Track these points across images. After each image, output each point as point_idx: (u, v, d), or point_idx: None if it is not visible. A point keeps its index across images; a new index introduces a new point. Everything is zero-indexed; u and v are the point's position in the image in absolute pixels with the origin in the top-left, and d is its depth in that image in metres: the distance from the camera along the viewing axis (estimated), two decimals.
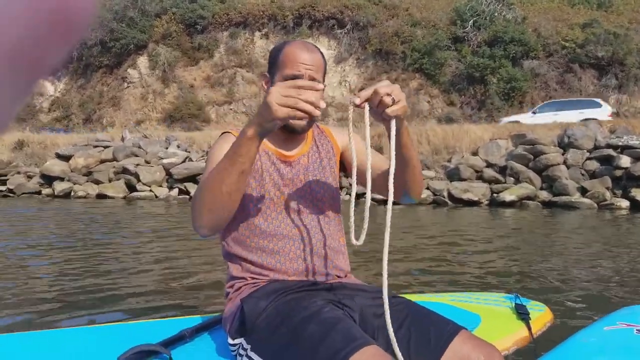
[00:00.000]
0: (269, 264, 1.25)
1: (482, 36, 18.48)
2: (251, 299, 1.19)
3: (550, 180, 9.78)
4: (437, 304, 1.58)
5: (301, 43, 1.28)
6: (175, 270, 3.88)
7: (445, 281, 3.62)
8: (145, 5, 22.33)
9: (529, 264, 4.31)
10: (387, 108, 1.07)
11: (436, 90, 19.21)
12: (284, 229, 1.26)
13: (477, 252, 4.97)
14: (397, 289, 3.46)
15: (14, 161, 12.77)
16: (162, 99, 21.69)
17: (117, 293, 3.19)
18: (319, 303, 1.12)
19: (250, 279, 1.26)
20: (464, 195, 9.79)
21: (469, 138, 10.93)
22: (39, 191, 11.94)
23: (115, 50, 21.77)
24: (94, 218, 7.84)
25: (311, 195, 1.30)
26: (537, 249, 5.15)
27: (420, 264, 4.29)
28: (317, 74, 1.24)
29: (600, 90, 17.12)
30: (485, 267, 4.19)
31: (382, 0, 21.77)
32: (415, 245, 5.31)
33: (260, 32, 22.60)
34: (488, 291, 2.42)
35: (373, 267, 4.04)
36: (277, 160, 1.30)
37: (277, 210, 1.27)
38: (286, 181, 1.29)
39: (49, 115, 21.81)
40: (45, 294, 3.16)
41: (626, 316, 1.42)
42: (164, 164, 11.82)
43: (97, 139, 13.17)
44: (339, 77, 21.14)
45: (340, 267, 1.31)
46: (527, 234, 6.59)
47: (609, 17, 18.70)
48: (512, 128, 11.22)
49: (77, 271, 3.81)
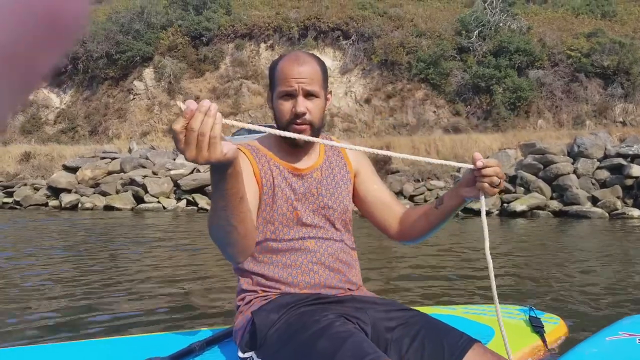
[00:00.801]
0: (281, 278, 1.24)
1: (487, 46, 18.51)
2: (262, 312, 1.18)
3: (560, 189, 9.71)
4: (451, 317, 1.56)
5: (293, 57, 1.26)
6: (185, 283, 3.82)
7: (458, 293, 3.57)
8: (151, 18, 22.49)
9: (541, 275, 4.24)
10: (490, 187, 1.16)
11: (442, 100, 19.21)
12: (295, 243, 1.26)
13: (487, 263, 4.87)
14: (409, 301, 3.39)
15: (20, 173, 12.78)
16: (168, 110, 21.77)
17: (125, 306, 3.15)
18: (331, 317, 1.11)
19: (262, 292, 1.25)
20: (473, 205, 9.69)
21: (478, 148, 10.89)
22: (46, 203, 11.93)
23: (121, 63, 21.90)
24: (101, 230, 7.80)
25: (324, 209, 1.29)
26: (550, 260, 5.08)
27: (433, 275, 4.23)
28: (311, 86, 1.22)
29: (606, 99, 17.08)
30: (498, 279, 4.10)
31: (387, 11, 21.89)
32: (427, 257, 5.24)
33: (265, 43, 22.73)
34: (502, 304, 2.46)
35: (385, 280, 3.98)
36: (288, 174, 1.29)
37: (290, 224, 1.26)
38: (299, 195, 1.28)
39: (54, 127, 21.89)
40: (52, 307, 3.11)
41: (628, 326, 1.41)
42: (171, 175, 11.81)
43: (105, 151, 13.18)
44: (345, 87, 21.19)
45: (352, 280, 1.30)
46: (539, 245, 6.51)
47: (614, 27, 18.72)
48: (520, 137, 11.17)
49: (84, 284, 3.76)
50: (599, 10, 19.94)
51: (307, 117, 1.22)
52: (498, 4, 18.95)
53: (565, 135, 10.63)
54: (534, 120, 17.80)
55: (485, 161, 1.16)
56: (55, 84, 22.95)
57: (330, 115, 20.03)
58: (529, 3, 22.02)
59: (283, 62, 1.25)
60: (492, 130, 15.88)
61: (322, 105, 1.27)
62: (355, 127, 20.23)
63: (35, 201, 11.83)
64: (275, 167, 1.28)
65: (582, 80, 17.36)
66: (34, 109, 21.89)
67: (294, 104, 1.22)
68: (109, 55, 21.92)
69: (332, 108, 20.46)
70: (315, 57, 1.31)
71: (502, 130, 15.67)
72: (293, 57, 1.26)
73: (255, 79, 22.19)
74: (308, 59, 1.26)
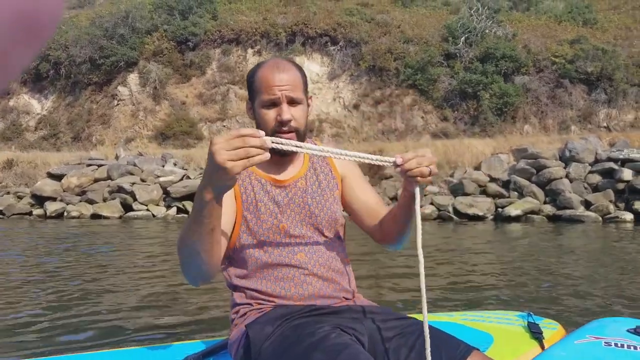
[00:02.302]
0: (274, 292, 1.24)
1: (474, 52, 18.72)
2: (256, 325, 1.17)
3: (553, 194, 9.78)
4: (448, 324, 1.54)
5: (272, 64, 1.27)
6: (177, 293, 3.72)
7: (455, 300, 3.52)
8: (136, 23, 22.18)
9: (539, 280, 4.24)
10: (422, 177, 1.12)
11: (430, 106, 19.32)
12: (285, 257, 1.25)
13: (487, 269, 4.90)
14: (406, 308, 3.34)
15: (3, 181, 12.39)
16: (154, 116, 21.45)
17: (117, 317, 3.04)
18: (326, 328, 1.10)
19: (256, 305, 1.25)
20: (469, 210, 9.72)
21: (470, 153, 10.93)
22: (30, 212, 11.58)
23: (105, 68, 21.53)
24: (88, 239, 7.59)
25: (311, 219, 1.28)
26: (547, 265, 5.08)
27: (429, 282, 4.18)
28: (294, 92, 1.23)
29: (590, 104, 17.38)
30: (496, 285, 4.10)
31: (374, 18, 21.99)
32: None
33: (253, 49, 22.62)
34: (500, 310, 2.40)
35: (381, 287, 3.91)
36: (270, 186, 1.28)
37: (277, 238, 1.25)
38: (282, 207, 1.27)
39: (35, 134, 21.39)
40: (38, 319, 2.99)
41: (595, 329, 1.43)
42: (161, 182, 11.58)
43: (91, 158, 12.88)
44: (333, 93, 21.17)
45: (347, 288, 1.30)
46: (535, 249, 6.53)
47: (595, 34, 19.10)
48: (512, 142, 11.25)
49: (72, 295, 3.63)
50: (581, 18, 20.34)
51: (292, 124, 1.23)
52: (484, 11, 19.20)
53: (557, 140, 10.73)
54: (521, 126, 18.01)
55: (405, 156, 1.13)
56: (37, 90, 22.46)
57: (318, 120, 19.99)
58: (512, 10, 22.35)
59: (262, 70, 1.25)
60: (480, 136, 16.02)
61: (305, 110, 1.27)
62: (344, 132, 20.20)
63: (19, 210, 11.46)
64: (257, 181, 1.28)
65: (567, 86, 17.65)
66: (14, 115, 21.36)
67: (278, 111, 1.23)
68: (92, 60, 21.52)
69: (320, 114, 20.41)
70: (294, 62, 1.32)
71: (489, 136, 15.81)
72: (272, 65, 1.26)
73: (243, 85, 22.02)
74: (288, 65, 1.27)
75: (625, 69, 16.98)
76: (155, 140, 20.44)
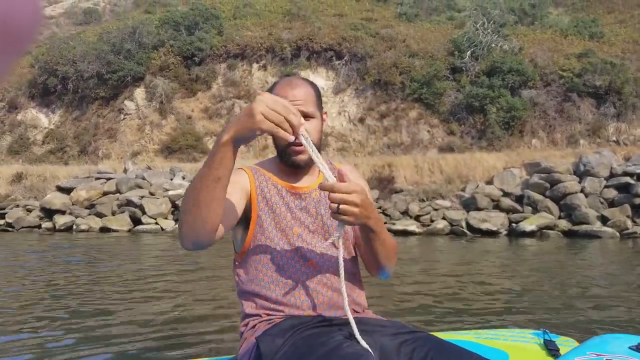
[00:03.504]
0: (284, 299, 1.23)
1: (480, 66, 18.75)
2: (267, 337, 1.16)
3: (568, 209, 9.66)
4: (462, 342, 1.49)
5: (286, 81, 1.31)
6: (186, 309, 3.66)
7: (469, 317, 3.43)
8: (143, 38, 22.34)
9: (555, 297, 4.14)
10: (331, 212, 1.09)
11: (436, 120, 19.29)
12: (296, 263, 1.25)
13: (502, 286, 4.81)
14: (418, 325, 3.24)
15: (12, 194, 12.33)
16: (160, 130, 21.48)
17: (123, 333, 2.98)
18: (338, 338, 1.09)
19: (265, 316, 1.24)
20: (482, 225, 9.60)
21: (482, 167, 10.83)
22: (39, 225, 11.50)
23: (112, 82, 21.63)
24: (96, 253, 7.52)
25: (323, 229, 1.29)
26: (563, 281, 4.98)
27: (442, 299, 4.10)
28: (307, 107, 1.26)
29: (599, 118, 17.33)
30: (511, 301, 4.02)
31: (379, 32, 22.10)
32: (435, 279, 5.11)
33: (258, 63, 22.73)
34: (515, 327, 2.36)
35: (391, 303, 3.82)
36: (287, 193, 1.30)
37: (289, 245, 1.26)
38: (297, 214, 1.28)
39: (43, 148, 21.41)
40: (44, 334, 2.93)
41: (597, 346, 1.42)
42: (169, 196, 11.50)
43: (99, 171, 12.83)
44: (338, 107, 21.19)
45: (357, 301, 1.29)
46: (551, 265, 6.41)
47: (602, 48, 19.14)
48: (524, 156, 11.17)
49: (80, 311, 3.57)
50: (587, 32, 20.40)
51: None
52: (489, 25, 19.27)
53: (569, 154, 10.65)
54: (528, 140, 17.95)
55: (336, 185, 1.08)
56: (44, 104, 22.54)
57: (324, 134, 19.92)
58: (517, 24, 22.46)
59: (277, 87, 1.29)
60: (487, 150, 15.95)
61: (318, 125, 1.30)
62: (350, 146, 20.17)
63: (28, 223, 11.38)
64: (274, 186, 1.30)
65: (575, 100, 17.62)
66: (21, 129, 21.42)
67: None
68: (99, 75, 21.63)
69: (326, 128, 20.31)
70: (308, 80, 1.36)
71: (496, 150, 15.74)
72: (286, 82, 1.30)
73: (248, 99, 22.07)
74: (301, 82, 1.31)
75: (634, 82, 16.95)
76: (162, 154, 20.43)
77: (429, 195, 10.61)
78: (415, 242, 9.28)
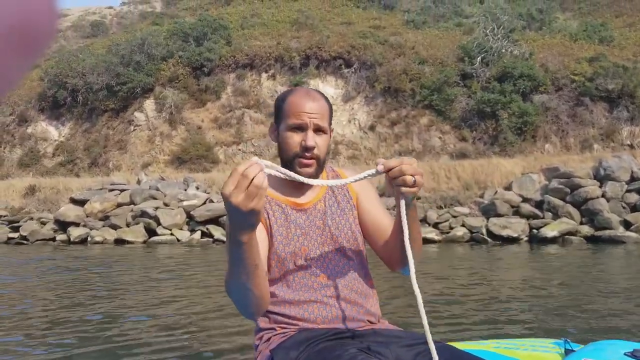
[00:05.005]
0: (297, 314, 1.23)
1: (491, 72, 18.66)
2: (281, 350, 1.16)
3: (590, 214, 9.50)
4: (480, 352, 1.45)
5: (304, 92, 1.30)
6: (199, 321, 3.59)
7: (488, 326, 3.33)
8: (152, 49, 22.44)
9: (577, 305, 4.04)
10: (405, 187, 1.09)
11: (447, 127, 19.19)
12: (308, 280, 1.25)
13: (523, 293, 4.72)
14: (435, 335, 3.12)
15: (25, 207, 12.29)
16: (170, 141, 21.50)
17: (138, 342, 2.95)
18: (352, 351, 1.08)
19: (279, 329, 1.24)
20: (503, 232, 9.45)
21: (500, 172, 10.70)
22: (54, 238, 11.45)
23: (121, 94, 21.71)
24: (111, 265, 7.47)
25: (332, 240, 1.29)
26: (586, 289, 4.86)
27: (461, 307, 4.03)
28: (321, 121, 1.26)
29: (612, 122, 17.18)
30: (532, 310, 3.93)
31: (388, 39, 22.10)
32: (455, 287, 5.01)
33: (267, 73, 22.77)
34: (535, 337, 2.32)
35: (406, 312, 3.73)
36: (291, 210, 1.29)
37: (299, 261, 1.26)
38: (304, 230, 1.28)
39: (53, 160, 21.47)
40: (53, 349, 2.88)
41: (592, 352, 1.41)
42: (184, 207, 11.43)
43: (113, 182, 12.78)
44: (348, 115, 21.14)
45: (371, 311, 1.28)
46: (575, 272, 6.27)
47: (613, 52, 19.02)
48: (541, 161, 11.03)
49: (95, 322, 3.52)
50: (597, 36, 20.30)
51: (315, 151, 1.25)
52: (499, 31, 19.21)
53: (588, 158, 10.50)
54: (541, 145, 17.79)
55: (388, 162, 1.12)
56: (54, 117, 22.64)
57: (334, 143, 19.89)
58: (525, 30, 22.39)
59: (294, 96, 1.28)
60: (500, 155, 15.81)
61: (327, 140, 1.31)
62: (360, 154, 20.08)
63: (43, 236, 11.33)
64: (277, 205, 1.29)
65: (588, 104, 17.48)
66: (32, 142, 21.50)
67: (303, 137, 1.25)
68: (109, 87, 21.72)
69: (336, 136, 20.31)
70: (323, 95, 1.36)
71: (509, 155, 15.60)
72: (304, 92, 1.29)
73: (258, 108, 22.05)
74: (318, 95, 1.30)
75: None
76: (172, 164, 20.42)
77: (447, 202, 10.48)
78: (434, 250, 9.15)
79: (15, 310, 4.11)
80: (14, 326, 3.50)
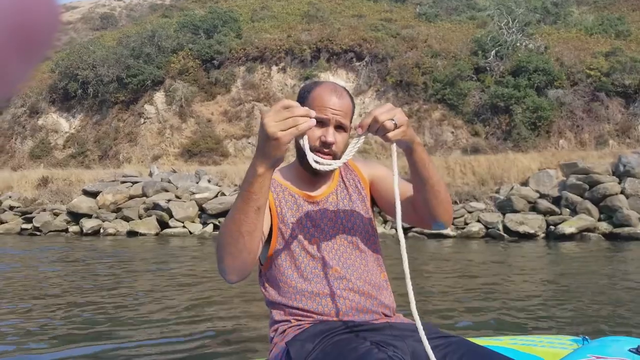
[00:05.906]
0: (311, 307, 1.23)
1: (505, 66, 18.41)
2: (297, 342, 1.16)
3: (609, 210, 9.33)
4: (498, 348, 1.46)
5: (331, 86, 1.28)
6: (214, 314, 3.56)
7: (505, 322, 3.29)
8: (162, 42, 22.38)
9: (595, 302, 3.97)
10: (388, 133, 1.10)
11: (460, 121, 18.98)
12: (321, 271, 1.25)
13: (540, 291, 4.66)
14: (448, 327, 3.08)
15: (38, 198, 12.31)
16: (180, 133, 21.48)
17: (150, 337, 2.94)
18: (367, 344, 1.08)
19: (295, 322, 1.24)
20: (519, 228, 9.30)
21: (516, 168, 10.54)
22: (66, 229, 11.46)
23: (132, 87, 21.69)
24: (125, 257, 7.48)
25: (344, 232, 1.29)
26: (604, 286, 4.79)
27: (478, 303, 3.96)
28: (344, 119, 1.26)
29: (628, 118, 16.91)
30: (549, 307, 3.86)
31: (400, 32, 21.86)
32: (471, 283, 4.94)
33: (277, 66, 22.63)
34: (553, 334, 2.31)
35: (422, 306, 3.65)
36: (303, 202, 1.30)
37: (311, 253, 1.26)
38: (316, 222, 1.28)
39: (64, 152, 21.53)
40: (67, 345, 2.87)
41: (597, 348, 1.40)
42: (196, 199, 11.39)
43: (125, 175, 12.76)
44: (359, 109, 20.96)
45: (385, 303, 1.28)
46: (592, 269, 6.17)
47: (630, 46, 18.69)
48: (559, 157, 10.85)
49: (108, 317, 3.49)
50: (613, 30, 19.95)
51: (334, 147, 1.25)
52: (514, 24, 18.93)
53: (607, 154, 10.31)
54: (555, 140, 17.56)
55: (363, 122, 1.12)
56: (65, 109, 22.67)
57: None
58: (540, 23, 22.06)
59: (320, 89, 1.27)
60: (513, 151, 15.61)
61: (347, 139, 1.30)
62: (371, 148, 19.93)
63: (56, 227, 11.34)
64: (291, 196, 1.30)
65: (603, 100, 17.21)
66: (43, 133, 21.55)
67: (324, 132, 1.24)
68: (119, 79, 21.71)
69: None
70: (349, 92, 1.35)
71: (522, 151, 15.40)
72: (331, 87, 1.28)
73: (267, 101, 21.96)
74: (344, 93, 1.30)
75: None
76: (182, 157, 20.41)
77: (462, 197, 10.34)
78: (450, 245, 9.04)
79: (25, 300, 4.09)
80: (23, 316, 3.48)
